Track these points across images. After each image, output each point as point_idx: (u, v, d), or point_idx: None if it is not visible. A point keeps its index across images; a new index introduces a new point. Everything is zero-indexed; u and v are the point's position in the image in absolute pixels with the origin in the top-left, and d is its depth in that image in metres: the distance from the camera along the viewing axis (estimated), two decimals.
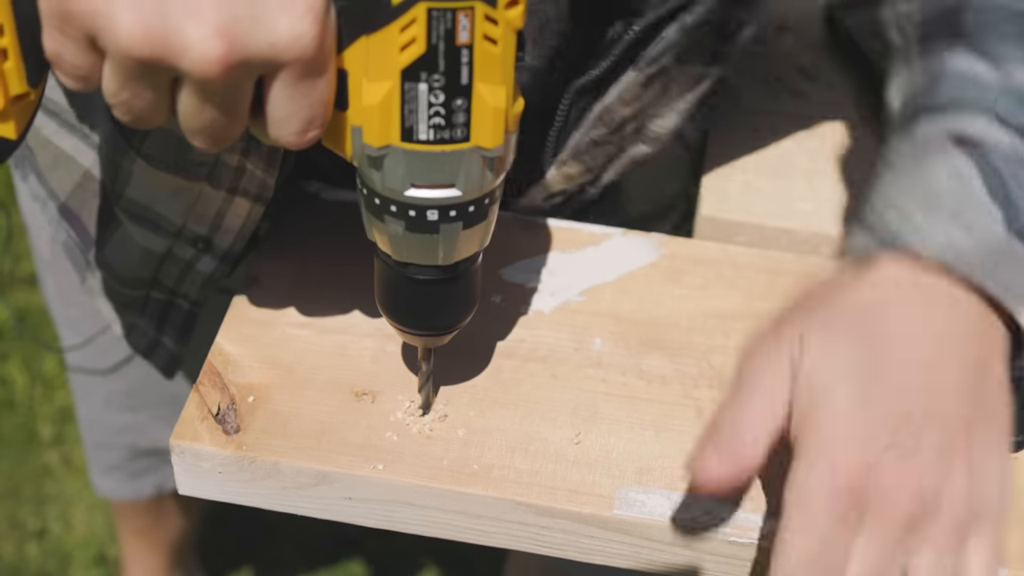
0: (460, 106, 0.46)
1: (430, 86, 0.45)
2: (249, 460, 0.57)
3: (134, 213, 0.65)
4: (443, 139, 0.46)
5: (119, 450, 1.16)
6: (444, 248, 0.51)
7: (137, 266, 0.69)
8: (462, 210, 0.49)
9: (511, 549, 0.51)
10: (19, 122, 0.47)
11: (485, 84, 0.45)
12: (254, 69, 0.43)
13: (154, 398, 1.05)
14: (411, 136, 0.46)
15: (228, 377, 0.61)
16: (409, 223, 0.49)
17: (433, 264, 0.52)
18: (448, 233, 0.50)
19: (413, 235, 0.50)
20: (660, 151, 0.69)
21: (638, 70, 0.59)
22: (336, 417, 0.59)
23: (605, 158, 0.67)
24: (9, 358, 1.84)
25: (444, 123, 0.46)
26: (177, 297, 0.71)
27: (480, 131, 0.47)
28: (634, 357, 0.63)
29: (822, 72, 0.87)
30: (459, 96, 0.45)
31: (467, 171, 0.48)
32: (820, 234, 0.74)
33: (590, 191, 0.71)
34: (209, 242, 0.66)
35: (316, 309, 0.64)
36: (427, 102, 0.45)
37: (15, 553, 1.63)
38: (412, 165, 0.47)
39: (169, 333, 0.74)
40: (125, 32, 0.40)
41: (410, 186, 0.48)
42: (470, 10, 0.43)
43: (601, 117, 0.62)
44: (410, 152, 0.47)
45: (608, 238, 0.69)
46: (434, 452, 0.58)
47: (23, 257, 1.83)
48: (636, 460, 0.58)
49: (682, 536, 0.56)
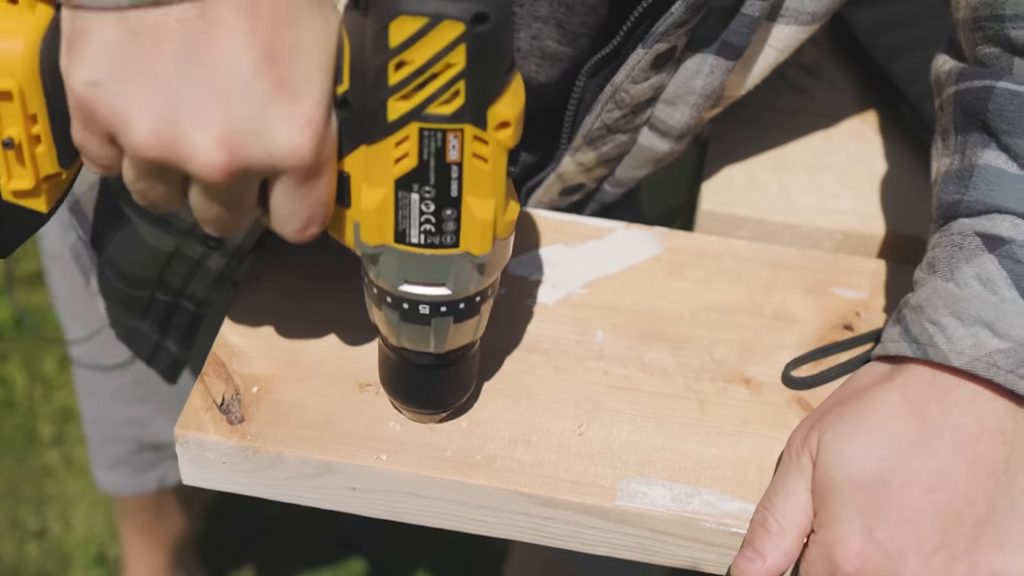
0: (450, 216, 0.49)
1: (421, 196, 0.48)
2: (253, 450, 0.57)
3: (144, 211, 0.66)
4: (433, 244, 0.50)
5: (125, 443, 1.16)
6: (436, 338, 0.54)
7: (143, 265, 0.70)
8: (453, 307, 0.52)
9: (511, 549, 0.52)
10: (50, 198, 0.52)
11: (474, 197, 0.48)
12: (255, 175, 0.46)
13: (161, 389, 1.05)
14: (404, 239, 0.50)
15: (232, 368, 0.61)
16: (403, 314, 0.53)
17: (426, 351, 0.55)
18: (439, 326, 0.53)
19: (407, 324, 0.53)
20: (679, 150, 0.69)
21: (646, 48, 0.60)
22: (340, 408, 0.59)
23: (618, 149, 0.67)
24: (9, 358, 1.85)
25: (434, 229, 0.49)
26: (182, 298, 0.71)
27: (469, 239, 0.49)
28: (636, 350, 0.63)
29: (824, 69, 0.87)
30: (448, 207, 0.48)
31: (456, 273, 0.51)
32: (822, 229, 0.74)
33: (607, 190, 0.71)
34: (219, 239, 0.66)
35: (320, 301, 0.65)
36: (419, 210, 0.49)
37: (15, 553, 1.63)
38: (404, 264, 0.51)
39: (172, 336, 0.74)
40: (139, 137, 0.44)
41: (403, 282, 0.51)
42: (459, 131, 0.46)
43: (613, 97, 0.62)
44: (403, 252, 0.50)
45: (611, 232, 0.70)
46: (437, 443, 0.58)
47: (23, 257, 1.83)
48: (638, 452, 0.58)
49: (683, 527, 0.56)
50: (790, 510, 0.53)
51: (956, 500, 0.51)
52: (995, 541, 0.50)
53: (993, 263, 0.53)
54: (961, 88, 0.57)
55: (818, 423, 0.55)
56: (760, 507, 0.55)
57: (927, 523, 0.50)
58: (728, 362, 0.63)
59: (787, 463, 0.55)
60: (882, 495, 0.51)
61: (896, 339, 0.55)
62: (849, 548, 0.50)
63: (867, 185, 0.77)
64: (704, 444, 0.59)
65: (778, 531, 0.53)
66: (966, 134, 0.57)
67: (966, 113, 0.56)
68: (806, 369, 0.63)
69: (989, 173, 0.54)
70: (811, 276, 0.68)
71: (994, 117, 0.55)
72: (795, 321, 0.66)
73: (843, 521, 0.51)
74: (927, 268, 0.56)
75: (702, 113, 0.65)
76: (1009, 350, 0.51)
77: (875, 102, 0.84)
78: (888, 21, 0.86)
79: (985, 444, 0.51)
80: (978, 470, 0.51)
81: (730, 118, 0.75)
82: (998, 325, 0.52)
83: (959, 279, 0.53)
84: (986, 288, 0.52)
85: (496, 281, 0.54)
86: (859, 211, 0.75)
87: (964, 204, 0.55)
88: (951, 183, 0.57)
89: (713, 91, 0.64)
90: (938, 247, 0.56)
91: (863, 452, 0.52)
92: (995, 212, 0.54)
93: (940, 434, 0.51)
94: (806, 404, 0.61)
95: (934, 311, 0.54)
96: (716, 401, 0.61)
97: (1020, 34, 0.55)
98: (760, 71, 0.66)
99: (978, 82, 0.56)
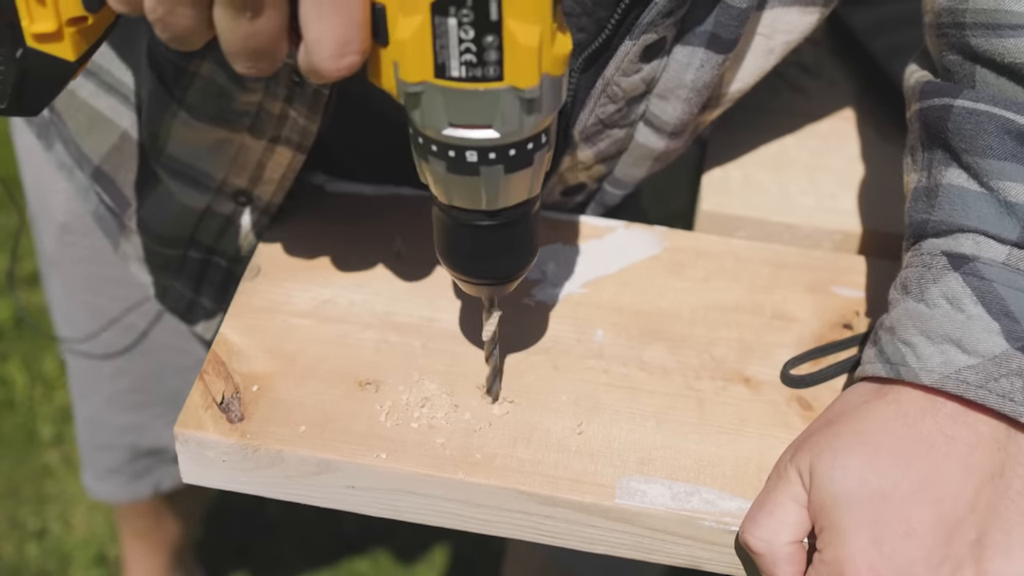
0: (491, 43, 0.45)
1: (459, 21, 0.44)
2: (253, 448, 0.57)
3: (175, 170, 0.67)
4: (475, 77, 0.46)
5: (121, 451, 1.15)
6: (487, 192, 0.50)
7: (175, 224, 0.71)
8: (502, 153, 0.49)
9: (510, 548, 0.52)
10: (76, 45, 0.49)
11: (517, 21, 0.45)
12: None
13: (157, 395, 1.05)
14: (444, 72, 0.46)
15: (232, 366, 0.61)
16: (450, 164, 0.49)
17: (478, 208, 0.52)
18: (490, 176, 0.49)
19: (455, 176, 0.50)
20: (675, 148, 0.69)
21: (634, 39, 0.60)
22: (339, 406, 0.59)
23: (616, 146, 0.67)
24: (9, 358, 1.85)
25: (476, 60, 0.45)
26: (215, 255, 0.72)
27: (513, 70, 0.46)
28: (636, 349, 0.63)
29: (823, 69, 0.87)
30: (489, 33, 0.45)
31: (503, 112, 0.47)
32: (821, 229, 0.74)
33: (609, 190, 0.71)
34: (249, 195, 0.67)
35: (319, 300, 0.65)
36: (457, 38, 0.45)
37: (15, 553, 1.63)
38: (448, 103, 0.47)
39: (207, 292, 0.75)
40: None
41: (448, 125, 0.48)
42: None
43: (605, 91, 0.63)
44: (444, 89, 0.46)
45: (610, 231, 0.70)
46: (437, 441, 0.58)
47: (23, 257, 1.84)
48: (637, 450, 0.59)
49: (683, 526, 0.56)
50: (775, 523, 0.54)
51: (959, 508, 0.51)
52: (1002, 548, 0.50)
53: (958, 281, 0.54)
54: (924, 106, 0.58)
55: (808, 442, 0.55)
56: (743, 526, 0.55)
57: (932, 534, 0.50)
58: (728, 361, 0.63)
59: (772, 481, 0.55)
60: (886, 508, 0.51)
61: (872, 360, 0.56)
62: (859, 564, 0.50)
63: (867, 185, 0.77)
64: (703, 443, 0.59)
65: (767, 549, 0.53)
66: (931, 151, 0.57)
67: (929, 132, 0.57)
68: (805, 368, 0.63)
69: (952, 193, 0.55)
70: (811, 275, 0.68)
71: (953, 136, 0.55)
72: (795, 320, 0.66)
73: (850, 537, 0.51)
74: (900, 289, 0.57)
75: (695, 109, 0.65)
76: (977, 366, 0.52)
77: (874, 102, 0.84)
78: (887, 21, 0.86)
79: (982, 452, 0.52)
80: (977, 478, 0.51)
81: (729, 118, 0.75)
82: (965, 342, 0.52)
83: (928, 299, 0.54)
84: (953, 306, 0.53)
85: (551, 128, 0.50)
86: (858, 211, 0.75)
87: (931, 224, 0.56)
88: (920, 201, 0.57)
89: (705, 85, 0.63)
90: (910, 267, 0.57)
91: (864, 467, 0.52)
92: (958, 232, 0.55)
93: (937, 446, 0.52)
94: (805, 403, 0.61)
95: (905, 331, 0.55)
96: (715, 400, 0.61)
97: (980, 42, 0.55)
98: (758, 67, 0.66)
99: (938, 100, 0.57)
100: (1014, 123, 0.53)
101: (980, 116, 0.54)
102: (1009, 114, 0.53)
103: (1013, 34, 0.54)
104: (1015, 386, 0.51)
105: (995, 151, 0.54)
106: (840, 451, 0.53)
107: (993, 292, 0.53)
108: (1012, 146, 0.53)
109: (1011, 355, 0.52)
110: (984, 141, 0.54)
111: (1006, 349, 0.52)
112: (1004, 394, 0.51)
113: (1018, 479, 0.51)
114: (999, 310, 0.52)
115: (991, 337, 0.52)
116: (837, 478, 0.52)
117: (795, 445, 0.56)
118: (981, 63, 0.55)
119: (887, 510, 0.51)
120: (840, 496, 0.52)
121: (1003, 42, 0.54)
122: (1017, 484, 0.51)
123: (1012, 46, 0.54)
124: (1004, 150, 0.53)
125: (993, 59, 0.55)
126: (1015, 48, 0.54)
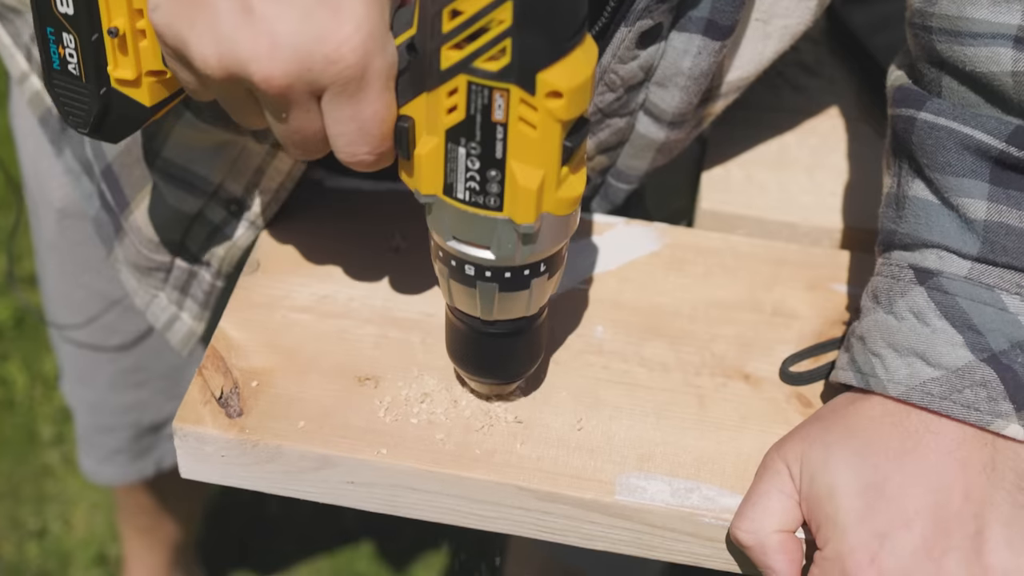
0: (493, 177, 0.48)
1: (467, 151, 0.48)
2: (252, 444, 0.57)
3: (169, 173, 0.67)
4: (477, 203, 0.49)
5: (123, 431, 1.16)
6: (482, 304, 0.54)
7: (167, 227, 0.71)
8: (497, 273, 0.52)
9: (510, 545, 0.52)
10: (153, 94, 0.55)
11: (520, 163, 0.48)
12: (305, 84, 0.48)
13: (157, 371, 1.06)
14: (451, 192, 0.50)
15: (231, 361, 0.61)
16: (451, 271, 0.53)
17: (475, 316, 0.55)
18: (484, 291, 0.53)
19: (455, 283, 0.53)
20: (676, 139, 0.69)
21: (629, 25, 0.60)
22: (339, 401, 0.59)
23: (616, 136, 0.67)
24: (9, 358, 1.85)
25: (478, 188, 0.49)
26: (201, 267, 0.72)
27: (513, 206, 0.49)
28: (636, 345, 0.63)
29: (823, 67, 0.87)
30: (492, 168, 0.48)
31: (499, 239, 0.50)
32: (821, 228, 0.74)
33: (612, 183, 0.71)
34: (241, 204, 0.67)
35: (319, 295, 0.65)
36: (464, 165, 0.49)
37: (15, 553, 1.63)
38: (452, 219, 0.51)
39: (189, 309, 0.75)
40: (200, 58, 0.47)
41: (452, 238, 0.52)
42: (505, 91, 0.46)
43: (602, 78, 0.63)
44: (449, 206, 0.50)
45: (611, 227, 0.70)
46: (436, 437, 0.58)
47: (23, 257, 1.83)
48: (637, 447, 0.58)
49: (682, 522, 0.56)
50: (759, 512, 0.54)
51: (954, 497, 0.51)
52: (1003, 540, 0.50)
53: (923, 295, 0.54)
54: (894, 113, 0.58)
55: (797, 435, 0.55)
56: (732, 523, 0.55)
57: (930, 524, 0.50)
58: (728, 358, 0.63)
59: (759, 475, 0.56)
60: (882, 499, 0.51)
61: (845, 367, 0.57)
62: (861, 558, 0.50)
63: (866, 183, 0.77)
64: (703, 439, 0.59)
65: (755, 540, 0.54)
66: (900, 160, 0.58)
67: (899, 141, 0.58)
68: (805, 365, 0.63)
69: (917, 205, 0.56)
70: (811, 272, 0.68)
71: (917, 150, 0.56)
72: (794, 317, 0.66)
73: (850, 531, 0.51)
74: (872, 298, 0.58)
75: (694, 98, 0.65)
76: (941, 378, 0.53)
77: (874, 101, 0.84)
78: (887, 19, 0.86)
79: (969, 446, 0.52)
80: (969, 468, 0.52)
81: (729, 117, 0.75)
82: (929, 355, 0.53)
83: (896, 312, 0.55)
84: (919, 320, 0.54)
85: (557, 259, 0.54)
86: (858, 209, 0.75)
87: (898, 236, 0.57)
88: (890, 208, 0.58)
89: (703, 73, 0.63)
90: (880, 275, 0.58)
91: (857, 459, 0.52)
92: (923, 247, 0.56)
93: (926, 440, 0.52)
94: (805, 400, 0.61)
95: (874, 343, 0.56)
96: (715, 396, 0.61)
97: (944, 48, 0.55)
98: (756, 53, 0.66)
99: (904, 110, 0.57)
100: (972, 138, 0.54)
101: (940, 132, 0.55)
102: (967, 129, 0.54)
103: (973, 42, 0.54)
104: (979, 396, 0.52)
105: (954, 168, 0.54)
106: (832, 444, 0.53)
107: (956, 306, 0.53)
108: (971, 162, 0.54)
109: (975, 366, 0.52)
110: (944, 158, 0.54)
111: (970, 361, 0.52)
112: (969, 404, 0.52)
113: (1011, 472, 0.52)
114: (962, 323, 0.53)
115: (955, 350, 0.53)
116: (831, 469, 0.52)
117: (782, 441, 0.56)
118: (946, 70, 0.56)
119: (883, 502, 0.51)
120: (835, 487, 0.52)
121: (964, 50, 0.54)
122: (1011, 477, 0.52)
123: (972, 54, 0.54)
124: (963, 166, 0.54)
125: (956, 66, 0.55)
126: (975, 57, 0.54)
